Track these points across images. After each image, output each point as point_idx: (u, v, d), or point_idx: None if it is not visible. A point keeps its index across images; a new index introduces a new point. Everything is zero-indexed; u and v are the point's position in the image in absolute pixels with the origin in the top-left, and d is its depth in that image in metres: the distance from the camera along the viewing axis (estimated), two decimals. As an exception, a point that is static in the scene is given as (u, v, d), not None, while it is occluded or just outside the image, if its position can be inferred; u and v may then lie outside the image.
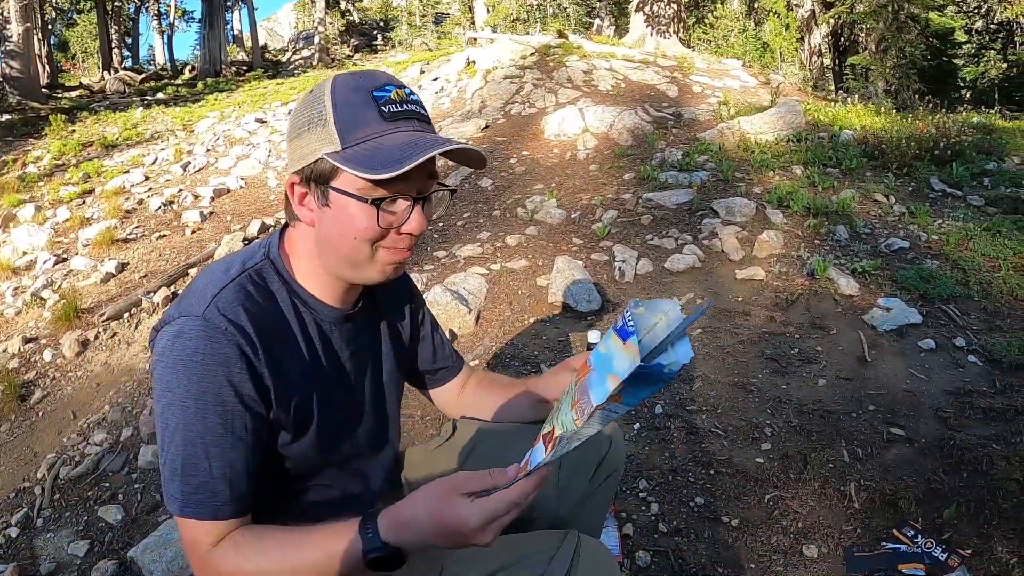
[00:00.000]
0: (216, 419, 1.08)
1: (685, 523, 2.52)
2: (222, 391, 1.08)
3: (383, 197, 1.09)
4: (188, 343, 1.07)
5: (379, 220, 1.10)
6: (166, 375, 1.08)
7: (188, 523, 1.10)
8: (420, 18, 28.32)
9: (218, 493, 1.09)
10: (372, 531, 1.03)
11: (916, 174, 6.55)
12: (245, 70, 24.91)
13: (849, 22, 16.78)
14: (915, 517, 2.45)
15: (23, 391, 4.29)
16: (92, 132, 12.49)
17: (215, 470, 1.09)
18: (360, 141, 1.08)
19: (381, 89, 1.10)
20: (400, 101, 1.11)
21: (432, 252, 5.57)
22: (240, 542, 1.11)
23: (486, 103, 10.42)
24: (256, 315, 1.12)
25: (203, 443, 1.08)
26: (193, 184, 8.50)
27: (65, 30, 35.51)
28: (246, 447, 1.12)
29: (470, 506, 0.99)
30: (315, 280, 1.21)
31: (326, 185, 1.11)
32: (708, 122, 8.62)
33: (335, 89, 1.11)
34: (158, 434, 1.11)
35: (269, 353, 1.12)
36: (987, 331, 3.71)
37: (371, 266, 1.16)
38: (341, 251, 1.14)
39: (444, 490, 1.02)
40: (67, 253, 6.53)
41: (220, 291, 1.11)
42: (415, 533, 1.02)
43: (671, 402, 3.25)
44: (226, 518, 1.11)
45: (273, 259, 1.21)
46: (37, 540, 2.91)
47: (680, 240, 5.12)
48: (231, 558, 1.09)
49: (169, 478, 1.10)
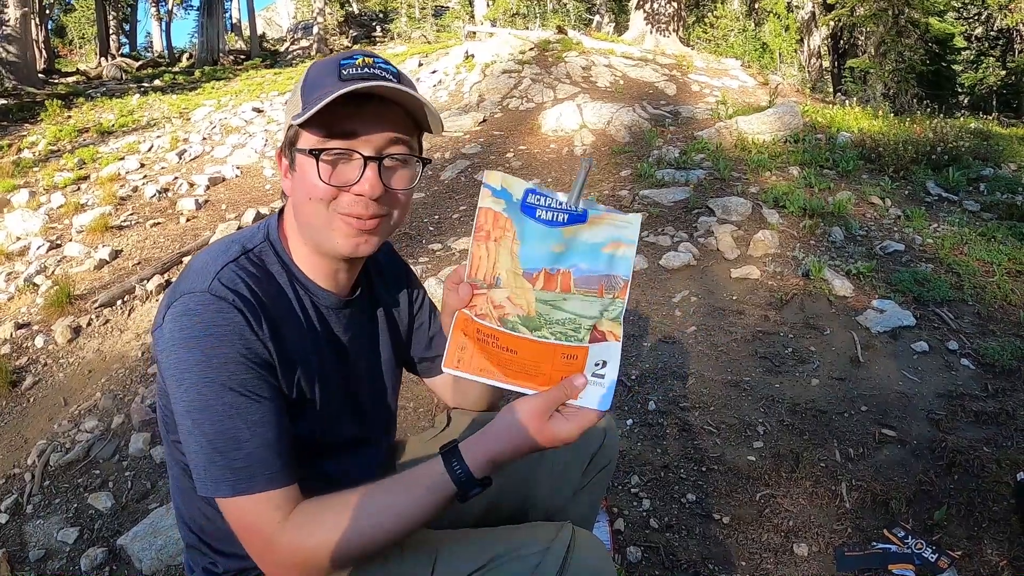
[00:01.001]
0: (243, 387, 1.05)
1: (676, 519, 2.52)
2: (242, 357, 1.05)
3: (323, 148, 1.09)
4: (197, 318, 1.04)
5: (320, 173, 1.08)
6: (181, 356, 1.04)
7: (245, 503, 1.05)
8: (419, 11, 28.23)
9: (268, 461, 1.05)
10: (463, 473, 1.04)
11: (913, 178, 6.58)
12: (243, 59, 24.82)
13: (849, 25, 16.82)
14: (906, 518, 2.46)
15: (14, 377, 4.27)
16: (88, 118, 12.42)
17: (257, 438, 1.05)
18: (313, 102, 1.07)
19: (348, 58, 1.11)
20: (363, 66, 1.10)
21: (427, 245, 5.57)
22: (309, 512, 1.07)
23: (484, 97, 10.40)
24: (257, 291, 1.11)
25: (237, 414, 1.04)
26: (189, 172, 8.47)
27: (63, 16, 35.26)
28: (277, 409, 1.09)
29: (566, 424, 1.01)
30: (309, 262, 1.20)
31: (292, 149, 1.13)
32: (706, 121, 8.63)
33: (311, 66, 1.16)
34: (183, 422, 1.06)
35: (272, 327, 1.10)
36: (980, 335, 3.72)
37: (331, 233, 1.13)
38: (302, 215, 1.15)
39: (533, 420, 1.02)
40: (61, 239, 6.50)
41: (221, 269, 1.09)
42: (507, 461, 1.05)
43: (664, 399, 3.26)
44: (283, 485, 1.06)
45: (273, 241, 1.20)
46: (27, 526, 2.90)
47: (676, 238, 5.12)
48: (307, 528, 1.05)
49: (209, 461, 1.04)
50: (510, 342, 1.03)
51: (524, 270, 1.03)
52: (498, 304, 1.04)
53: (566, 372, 1.02)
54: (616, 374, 1.02)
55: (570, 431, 1.01)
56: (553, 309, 1.03)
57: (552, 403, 1.01)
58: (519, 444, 1.03)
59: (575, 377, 1.02)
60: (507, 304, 1.04)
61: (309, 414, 1.20)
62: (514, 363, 1.03)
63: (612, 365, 1.02)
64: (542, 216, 1.02)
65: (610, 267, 1.03)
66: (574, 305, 1.03)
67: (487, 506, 1.42)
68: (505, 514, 1.44)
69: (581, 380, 1.01)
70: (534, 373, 1.03)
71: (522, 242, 1.03)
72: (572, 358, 1.03)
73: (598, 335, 1.03)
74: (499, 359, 1.04)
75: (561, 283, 1.03)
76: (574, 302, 1.03)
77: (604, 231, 1.03)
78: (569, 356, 1.03)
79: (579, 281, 1.03)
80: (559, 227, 1.02)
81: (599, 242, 1.03)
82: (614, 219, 1.03)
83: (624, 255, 1.03)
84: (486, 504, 1.41)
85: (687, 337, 3.82)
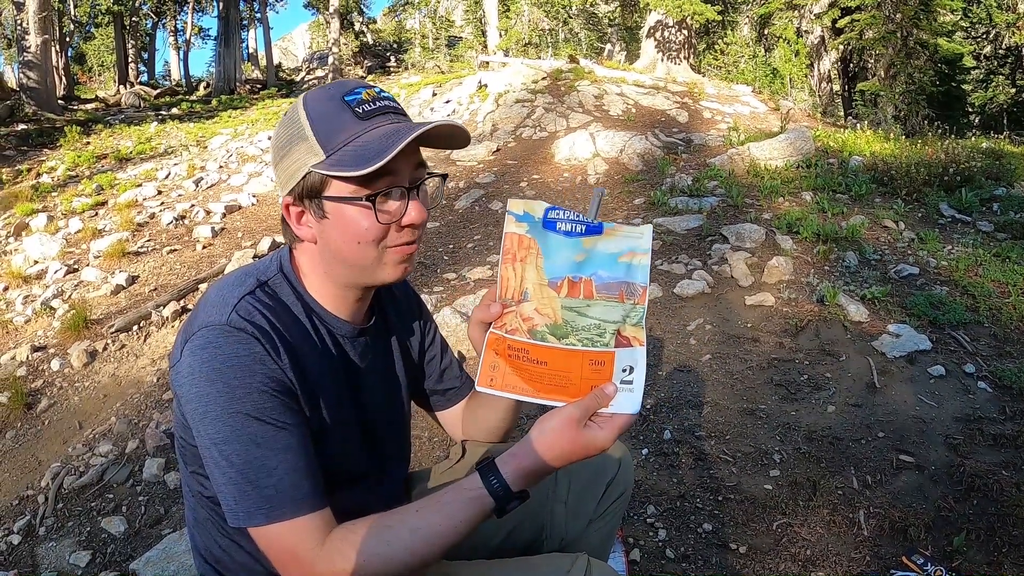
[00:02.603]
0: (268, 416, 1.05)
1: (693, 549, 2.49)
2: (266, 387, 1.05)
3: (376, 192, 1.09)
4: (218, 350, 1.04)
5: (378, 217, 1.09)
6: (204, 390, 1.04)
7: (280, 529, 1.04)
8: (433, 41, 28.62)
9: (299, 486, 1.05)
10: (500, 487, 1.05)
11: (925, 200, 6.55)
12: (259, 88, 25.17)
13: (858, 48, 16.87)
14: (924, 545, 2.42)
15: (30, 399, 4.30)
16: (106, 145, 12.61)
17: (286, 465, 1.05)
18: (342, 145, 1.07)
19: (351, 93, 1.11)
20: (372, 100, 1.11)
21: (442, 274, 5.58)
22: (345, 535, 1.06)
23: (497, 126, 10.48)
24: (275, 322, 1.11)
25: (265, 443, 1.04)
26: (205, 200, 8.56)
27: (82, 43, 35.90)
28: (303, 435, 1.09)
29: (600, 432, 1.03)
30: (326, 293, 1.21)
31: (319, 197, 1.11)
32: (718, 148, 8.65)
33: (307, 103, 1.12)
34: (210, 454, 1.05)
35: (292, 356, 1.10)
36: (997, 357, 3.68)
37: (381, 268, 1.15)
38: (349, 258, 1.14)
39: (568, 429, 1.03)
40: (78, 264, 6.57)
41: (238, 301, 1.10)
42: (544, 474, 1.07)
43: (679, 428, 3.24)
44: (315, 509, 1.06)
45: (287, 273, 1.20)
46: (39, 549, 2.90)
47: (690, 265, 5.12)
48: (345, 553, 1.04)
49: (240, 492, 1.04)
50: (540, 353, 1.08)
51: (549, 280, 1.10)
52: (527, 317, 1.10)
53: (595, 380, 1.06)
54: (644, 378, 1.06)
55: (605, 438, 1.03)
56: (578, 316, 1.09)
57: (585, 412, 1.03)
58: (556, 454, 1.04)
59: (606, 386, 1.05)
60: (535, 315, 1.10)
61: (326, 443, 1.19)
62: (545, 377, 1.07)
63: (639, 370, 1.06)
64: (562, 228, 1.11)
65: (628, 275, 1.09)
66: (598, 311, 1.09)
67: (503, 537, 1.41)
68: (520, 545, 1.43)
69: (612, 388, 1.05)
70: (564, 385, 1.07)
71: (546, 256, 1.11)
72: (600, 364, 1.07)
73: (623, 340, 1.08)
74: (530, 374, 1.08)
75: (584, 290, 1.10)
76: (598, 308, 1.09)
77: (620, 242, 1.11)
78: (597, 362, 1.07)
79: (600, 288, 1.10)
80: (578, 237, 1.11)
81: (616, 252, 1.10)
82: (628, 230, 1.11)
83: (640, 263, 1.10)
84: (502, 535, 1.41)
85: (702, 365, 3.80)
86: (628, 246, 1.10)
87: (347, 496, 1.27)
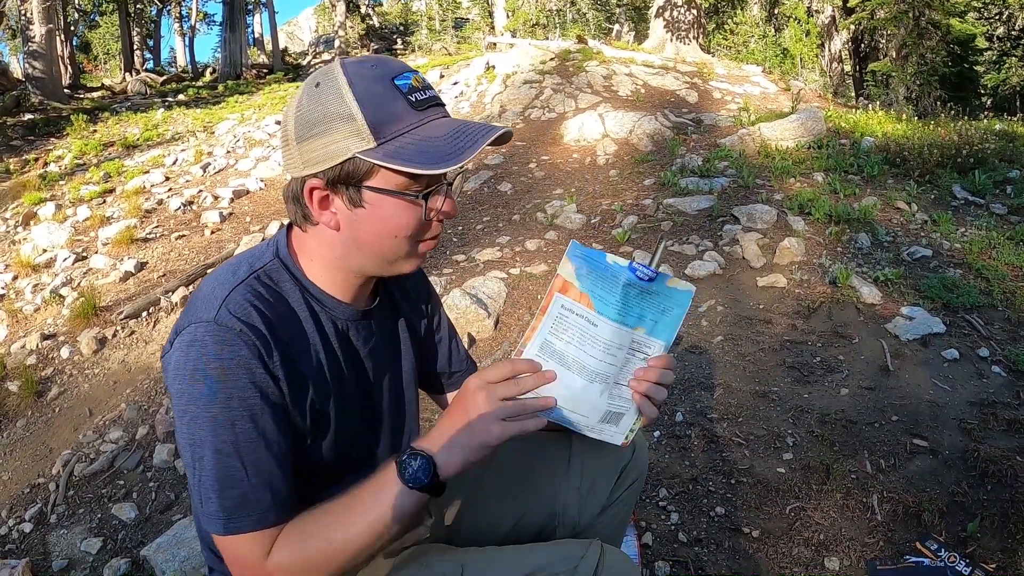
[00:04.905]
0: (245, 424, 1.03)
1: (705, 533, 2.48)
2: (247, 394, 1.03)
3: (431, 190, 1.06)
4: (204, 350, 1.01)
5: (427, 214, 1.08)
6: (186, 388, 1.02)
7: (233, 540, 1.05)
8: (440, 23, 28.41)
9: (260, 501, 1.04)
10: (410, 468, 1.05)
11: (938, 182, 6.47)
12: (266, 73, 25.03)
13: (870, 28, 16.64)
14: (938, 530, 2.40)
15: (40, 387, 4.32)
16: (113, 132, 12.60)
17: (253, 478, 1.04)
18: (396, 135, 1.03)
19: (400, 76, 1.05)
20: (422, 88, 1.07)
21: (451, 256, 5.56)
22: (283, 543, 1.07)
23: (506, 108, 10.41)
24: (268, 315, 1.07)
25: (236, 452, 1.02)
26: (213, 185, 8.55)
27: (87, 31, 35.83)
28: (280, 448, 1.07)
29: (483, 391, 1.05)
30: (328, 278, 1.16)
31: (359, 185, 1.05)
32: (728, 128, 8.56)
33: (351, 80, 1.03)
34: (185, 453, 1.05)
35: (283, 353, 1.07)
36: (1011, 341, 3.64)
37: (407, 260, 1.14)
38: (379, 250, 1.11)
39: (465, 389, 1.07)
40: (87, 251, 6.58)
41: (229, 294, 1.06)
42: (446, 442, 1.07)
43: (692, 410, 3.21)
44: (270, 526, 1.05)
45: (283, 258, 1.15)
46: (50, 536, 2.91)
47: (701, 247, 5.08)
48: (281, 562, 1.06)
49: (206, 497, 1.04)
50: None
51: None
52: None
53: None
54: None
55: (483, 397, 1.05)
56: None
57: (494, 376, 1.07)
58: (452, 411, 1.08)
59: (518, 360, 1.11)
60: None
61: (328, 435, 1.17)
62: None
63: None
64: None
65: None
66: None
67: (514, 524, 1.40)
68: (532, 531, 1.41)
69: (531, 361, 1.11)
70: None
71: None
72: None
73: None
74: None
75: None
76: None
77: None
78: None
79: None
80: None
81: None
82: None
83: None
84: (513, 522, 1.39)
85: (714, 347, 3.77)
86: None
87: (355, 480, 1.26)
